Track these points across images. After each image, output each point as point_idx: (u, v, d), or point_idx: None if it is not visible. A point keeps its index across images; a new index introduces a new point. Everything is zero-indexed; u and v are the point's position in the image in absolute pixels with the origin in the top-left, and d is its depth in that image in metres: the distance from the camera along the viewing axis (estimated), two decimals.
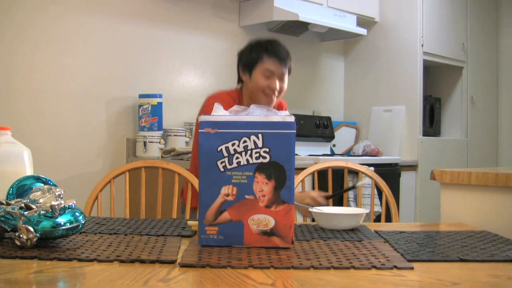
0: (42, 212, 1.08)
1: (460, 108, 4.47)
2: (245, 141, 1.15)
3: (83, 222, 1.11)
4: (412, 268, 0.99)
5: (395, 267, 0.99)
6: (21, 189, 1.25)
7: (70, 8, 2.88)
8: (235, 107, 1.24)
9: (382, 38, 4.13)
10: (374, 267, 0.99)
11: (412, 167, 3.88)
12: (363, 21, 4.03)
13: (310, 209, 1.48)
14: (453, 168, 1.71)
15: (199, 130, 1.16)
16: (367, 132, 4.16)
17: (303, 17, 3.37)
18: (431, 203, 3.82)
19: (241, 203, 1.15)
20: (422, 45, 3.97)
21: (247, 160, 1.15)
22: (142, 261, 1.00)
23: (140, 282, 0.88)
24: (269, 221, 1.15)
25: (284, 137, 1.15)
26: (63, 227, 1.07)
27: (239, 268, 0.97)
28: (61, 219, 1.08)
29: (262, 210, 1.15)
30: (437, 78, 4.54)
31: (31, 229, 1.06)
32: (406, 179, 3.78)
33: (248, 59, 2.19)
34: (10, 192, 1.24)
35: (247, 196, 1.15)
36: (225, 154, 1.15)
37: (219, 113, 1.20)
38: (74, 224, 1.09)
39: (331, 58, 4.33)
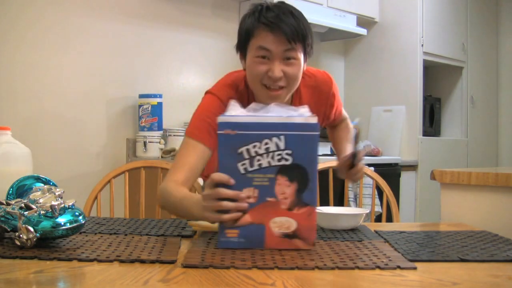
0: (42, 212, 1.08)
1: (460, 108, 4.47)
2: (266, 143, 1.11)
3: (83, 222, 1.11)
4: (415, 268, 0.99)
5: (399, 267, 0.99)
6: (21, 189, 1.25)
7: (70, 9, 2.88)
8: (253, 105, 1.20)
9: (382, 38, 4.13)
10: (378, 267, 0.99)
11: (412, 167, 3.88)
12: (363, 21, 4.03)
13: None
14: (453, 168, 1.71)
15: (218, 132, 1.12)
16: (367, 132, 4.16)
17: None
18: (431, 203, 3.82)
19: (263, 206, 1.12)
20: (422, 45, 3.97)
21: (269, 162, 1.11)
22: (142, 261, 1.00)
23: (140, 282, 0.87)
24: (291, 224, 1.13)
25: (307, 139, 1.12)
26: (63, 227, 1.07)
27: (243, 269, 0.97)
28: (61, 219, 1.08)
29: (284, 212, 1.12)
30: (437, 78, 4.54)
31: (31, 229, 1.06)
32: (406, 179, 3.77)
33: (240, 35, 1.49)
34: (10, 192, 1.24)
35: (268, 199, 1.12)
36: (246, 156, 1.11)
37: (237, 112, 1.17)
38: (74, 224, 1.09)
39: (331, 58, 4.33)
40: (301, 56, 1.45)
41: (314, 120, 1.14)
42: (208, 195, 1.14)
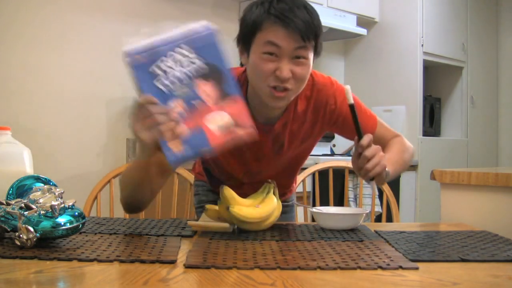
0: (42, 212, 1.08)
1: (460, 108, 4.47)
2: (172, 55, 1.16)
3: (83, 222, 1.11)
4: (417, 268, 0.99)
5: (400, 267, 0.98)
6: (21, 189, 1.25)
7: (71, 8, 2.88)
8: (143, 29, 1.22)
9: (382, 38, 4.13)
10: (380, 267, 0.98)
11: (412, 167, 3.88)
12: (363, 21, 4.03)
13: (310, 209, 1.48)
14: (453, 168, 1.71)
15: (128, 62, 1.14)
16: None
17: None
18: (431, 203, 3.81)
19: (192, 111, 1.15)
20: (422, 45, 3.97)
21: (181, 70, 1.16)
22: (142, 261, 1.00)
23: (140, 282, 0.87)
24: (223, 116, 1.16)
25: (206, 38, 1.17)
26: (63, 227, 1.07)
27: (244, 269, 0.96)
28: (61, 219, 1.08)
29: (213, 108, 1.16)
30: (437, 78, 4.54)
31: (31, 229, 1.06)
32: (406, 179, 3.77)
33: (245, 27, 1.36)
34: (10, 192, 1.24)
35: (194, 102, 1.16)
36: (160, 73, 1.15)
37: (137, 39, 1.20)
38: (74, 224, 1.09)
39: (331, 58, 4.33)
40: (311, 55, 1.33)
41: (206, 22, 1.18)
42: (136, 115, 1.14)
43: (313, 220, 1.55)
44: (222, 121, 1.16)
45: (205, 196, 1.72)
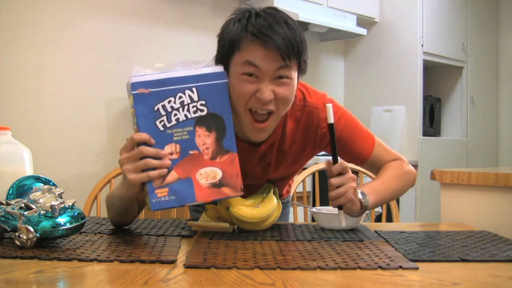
0: (42, 212, 1.08)
1: (460, 108, 4.47)
2: (180, 97, 1.13)
3: (83, 222, 1.11)
4: (417, 268, 0.99)
5: (401, 267, 0.98)
6: (21, 189, 1.25)
7: (70, 8, 2.88)
8: (158, 64, 1.21)
9: (382, 38, 4.14)
10: (380, 267, 0.98)
11: (412, 167, 3.87)
12: (363, 21, 4.03)
13: (310, 209, 1.48)
14: (453, 168, 1.71)
15: (133, 92, 1.12)
16: None
17: (303, 17, 3.37)
18: (431, 203, 3.82)
19: (186, 160, 1.14)
20: (422, 45, 3.98)
21: (186, 115, 1.14)
22: (142, 261, 1.00)
23: (140, 282, 0.87)
24: (216, 173, 1.15)
25: (218, 88, 1.15)
26: (63, 227, 1.07)
27: (244, 269, 0.96)
28: (61, 219, 1.08)
29: (208, 163, 1.15)
30: (437, 78, 4.55)
31: (31, 229, 1.06)
32: None
33: (222, 47, 1.28)
34: (10, 192, 1.24)
35: (191, 152, 1.14)
36: (163, 112, 1.13)
37: (146, 73, 1.16)
38: (74, 224, 1.09)
39: (331, 58, 4.33)
40: (295, 75, 1.24)
41: (220, 69, 1.17)
42: (129, 157, 1.11)
43: (313, 220, 1.55)
44: (214, 179, 1.14)
45: None
